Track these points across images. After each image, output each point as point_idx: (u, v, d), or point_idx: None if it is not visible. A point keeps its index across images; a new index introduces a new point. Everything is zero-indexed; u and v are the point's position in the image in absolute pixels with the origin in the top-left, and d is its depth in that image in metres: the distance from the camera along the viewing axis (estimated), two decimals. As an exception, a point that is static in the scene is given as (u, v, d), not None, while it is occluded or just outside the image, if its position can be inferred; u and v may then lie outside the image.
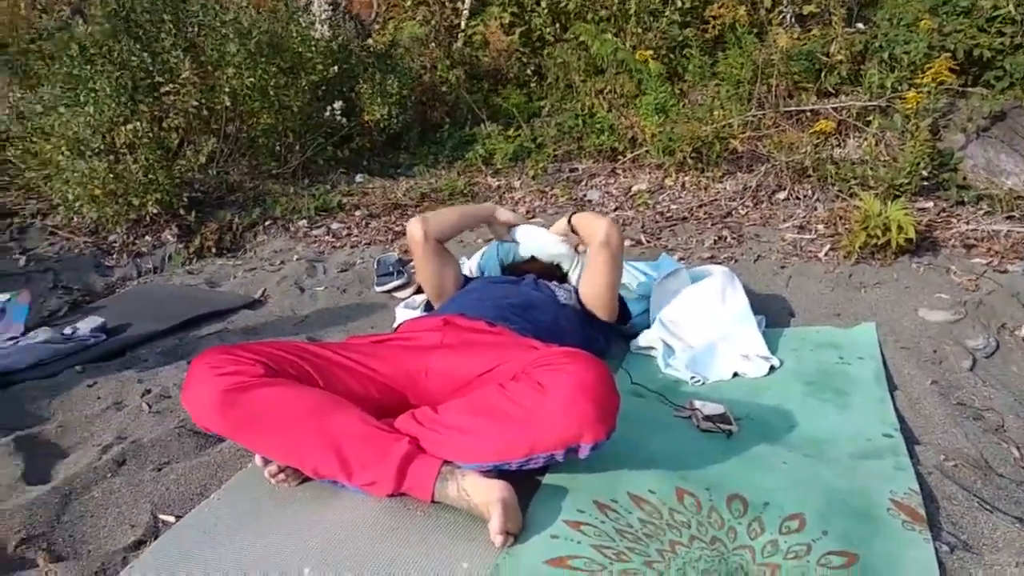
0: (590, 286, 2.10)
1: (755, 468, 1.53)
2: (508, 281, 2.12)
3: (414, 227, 2.13)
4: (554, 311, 1.96)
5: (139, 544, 1.43)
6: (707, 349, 2.12)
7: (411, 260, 3.14)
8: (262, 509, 1.43)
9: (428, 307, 2.31)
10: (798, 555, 1.26)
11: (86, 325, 2.50)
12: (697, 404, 1.81)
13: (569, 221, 2.29)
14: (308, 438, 1.39)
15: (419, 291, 2.88)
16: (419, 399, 1.59)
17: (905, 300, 2.49)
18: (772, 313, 2.52)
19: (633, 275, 2.45)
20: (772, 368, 2.06)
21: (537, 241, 2.34)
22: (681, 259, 3.02)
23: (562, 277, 2.34)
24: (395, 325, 1.90)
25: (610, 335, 2.21)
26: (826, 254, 2.91)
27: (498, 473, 1.37)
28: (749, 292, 2.58)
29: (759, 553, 1.26)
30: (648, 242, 3.26)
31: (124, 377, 2.16)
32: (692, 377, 2.00)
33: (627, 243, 3.20)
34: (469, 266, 2.69)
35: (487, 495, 1.29)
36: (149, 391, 2.06)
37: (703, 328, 2.20)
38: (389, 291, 2.96)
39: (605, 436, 1.31)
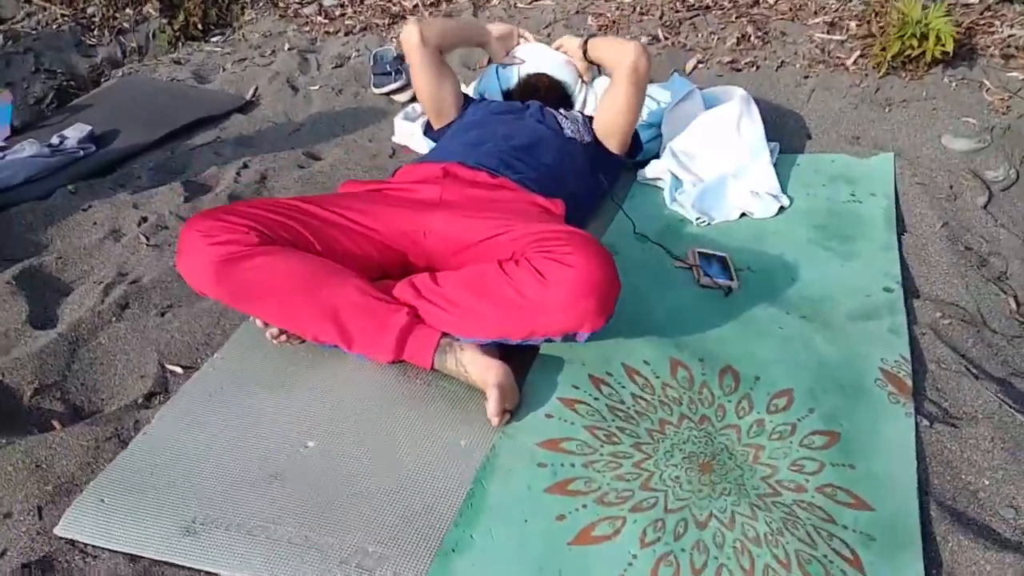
0: (609, 116, 1.99)
1: (750, 334, 1.54)
2: (511, 111, 1.99)
3: (410, 31, 1.99)
4: (559, 149, 1.86)
5: (149, 397, 1.49)
6: (717, 184, 2.05)
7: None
8: (264, 373, 1.47)
9: (428, 126, 2.19)
10: (782, 435, 1.31)
11: (74, 134, 2.41)
12: (700, 250, 1.79)
13: (585, 44, 2.11)
14: (306, 308, 1.38)
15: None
16: (419, 259, 1.57)
17: (930, 124, 2.35)
18: (788, 134, 2.40)
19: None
20: (781, 208, 2.00)
21: (541, 63, 2.18)
22: (700, 63, 2.82)
23: (568, 101, 2.20)
24: (392, 173, 1.81)
25: (618, 171, 2.12)
26: (855, 62, 2.71)
27: (496, 344, 1.38)
28: (767, 106, 2.46)
29: (745, 433, 1.31)
30: (666, 38, 3.02)
31: (119, 200, 2.12)
32: (698, 218, 1.95)
33: (643, 40, 2.97)
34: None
35: (484, 375, 1.31)
36: (145, 219, 2.03)
37: (715, 161, 2.11)
38: (387, 93, 2.81)
39: (603, 324, 1.31)
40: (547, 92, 2.17)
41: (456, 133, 1.93)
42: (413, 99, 2.78)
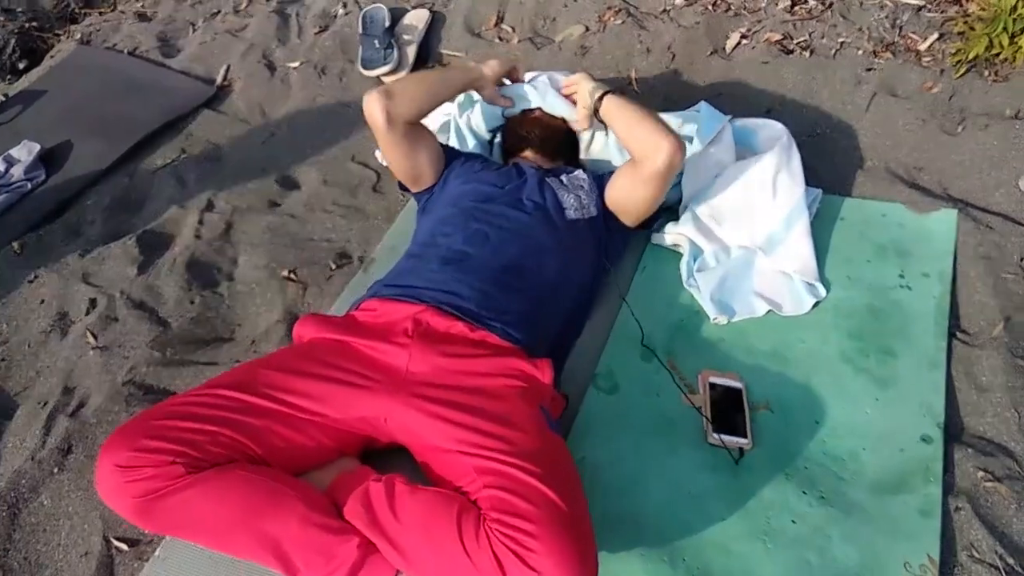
0: (629, 205, 1.69)
1: (757, 534, 1.34)
2: (500, 188, 1.67)
3: (372, 110, 1.62)
4: (559, 251, 1.58)
5: (91, 584, 1.38)
6: (741, 266, 1.75)
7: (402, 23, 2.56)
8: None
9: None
10: None
11: (22, 157, 2.15)
12: (713, 378, 1.55)
13: (600, 100, 1.72)
14: (243, 542, 1.21)
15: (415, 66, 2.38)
16: (383, 437, 1.37)
17: (1008, 157, 1.95)
18: (839, 156, 2.03)
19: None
20: (816, 302, 1.71)
21: (545, 104, 1.83)
22: (743, 39, 2.37)
23: (573, 152, 1.87)
24: (358, 299, 1.54)
25: (626, 246, 1.82)
26: (929, 48, 2.25)
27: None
28: (817, 114, 2.09)
29: None
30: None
31: (68, 269, 1.91)
32: (715, 318, 1.68)
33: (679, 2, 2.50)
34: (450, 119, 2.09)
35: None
36: (94, 303, 1.83)
37: (743, 228, 1.79)
38: (377, 77, 2.44)
39: None
40: (543, 144, 1.83)
41: (433, 228, 1.64)
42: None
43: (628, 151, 1.68)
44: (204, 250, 1.93)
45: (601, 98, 1.70)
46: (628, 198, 1.68)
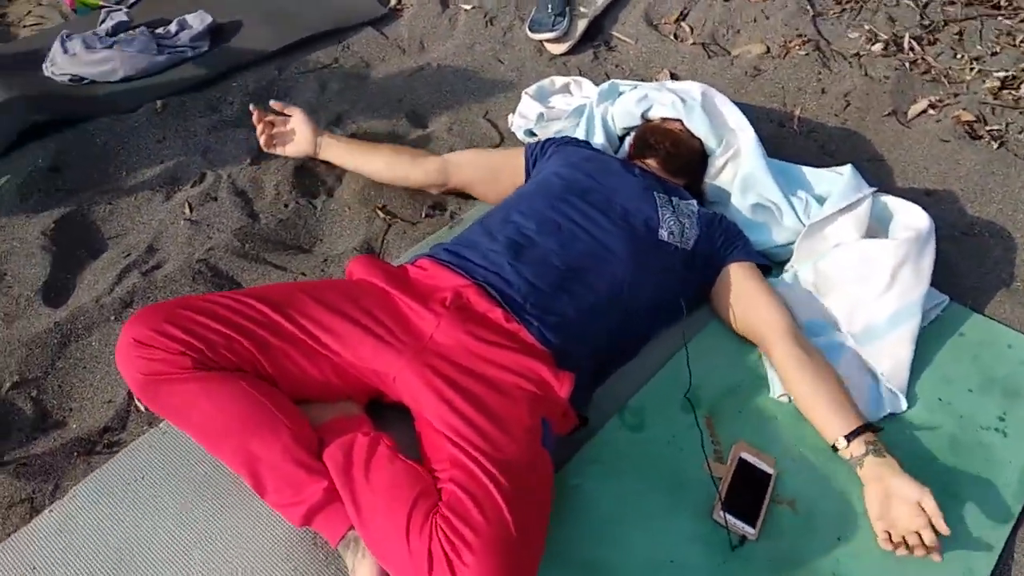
0: (738, 314, 1.62)
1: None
2: (598, 179, 1.61)
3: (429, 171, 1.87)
4: (631, 266, 1.50)
5: (102, 433, 1.47)
6: (829, 344, 1.60)
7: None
8: (190, 476, 1.37)
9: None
10: None
11: (194, 23, 2.27)
12: (745, 454, 1.44)
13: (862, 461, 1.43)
14: (226, 450, 1.25)
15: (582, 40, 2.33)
16: (390, 396, 1.37)
17: None
18: (988, 264, 1.81)
19: (795, 193, 1.78)
20: (891, 413, 1.55)
21: (688, 120, 1.75)
22: (930, 109, 2.14)
23: (697, 177, 1.77)
24: (414, 255, 1.54)
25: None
26: None
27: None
28: (979, 210, 1.88)
29: None
30: (911, 49, 2.31)
31: (193, 140, 2.02)
32: (780, 394, 1.56)
33: (878, 45, 2.29)
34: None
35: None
36: (203, 178, 1.93)
37: (844, 308, 1.64)
38: (540, 41, 2.40)
39: None
40: (668, 157, 1.74)
41: (515, 204, 1.59)
42: (570, 52, 2.38)
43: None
44: (313, 161, 1.98)
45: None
46: (742, 313, 1.61)
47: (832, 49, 2.30)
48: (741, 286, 1.61)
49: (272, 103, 1.93)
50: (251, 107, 1.89)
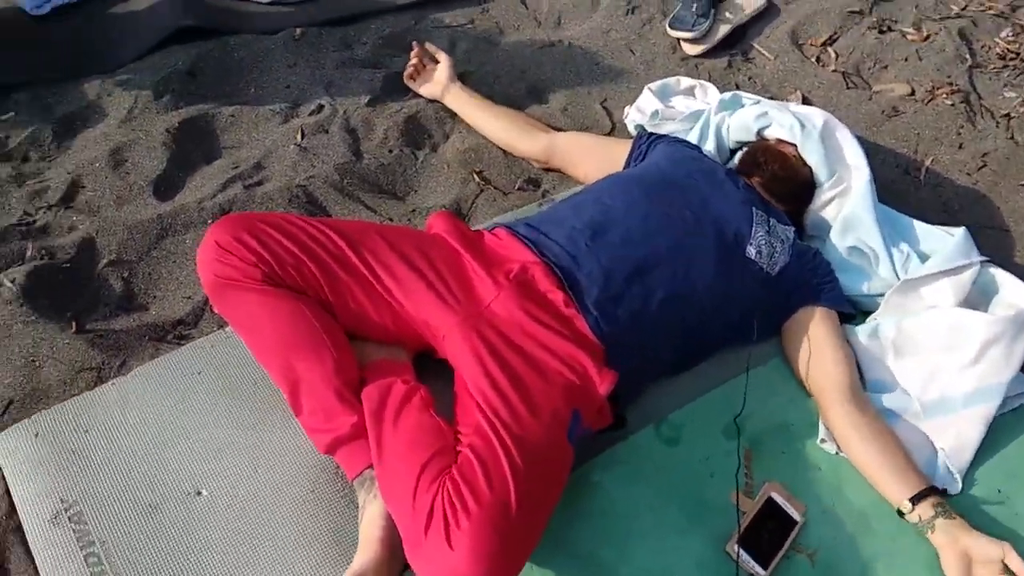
0: (801, 358, 1.56)
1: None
2: (699, 181, 1.58)
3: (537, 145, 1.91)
4: (714, 272, 1.47)
5: (176, 325, 1.57)
6: (893, 406, 1.53)
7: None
8: (241, 381, 1.46)
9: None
10: None
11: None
12: (776, 495, 1.41)
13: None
14: (274, 364, 1.32)
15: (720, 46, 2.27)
16: (441, 354, 1.40)
17: None
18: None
19: (897, 245, 1.69)
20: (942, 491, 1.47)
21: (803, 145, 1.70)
22: None
23: (800, 204, 1.71)
24: (495, 223, 1.56)
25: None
26: None
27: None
28: None
29: None
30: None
31: (320, 72, 2.10)
32: (826, 441, 1.50)
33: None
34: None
35: (365, 539, 1.21)
36: (321, 108, 2.00)
37: (919, 375, 1.56)
38: (677, 39, 2.36)
39: None
40: (773, 179, 1.69)
41: (609, 186, 1.59)
42: (705, 55, 2.33)
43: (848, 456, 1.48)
44: (429, 114, 2.03)
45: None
46: (797, 345, 1.56)
47: (982, 104, 2.16)
48: (813, 331, 1.55)
49: (428, 45, 2.09)
50: (414, 43, 2.08)
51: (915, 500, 1.33)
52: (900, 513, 1.36)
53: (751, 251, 1.52)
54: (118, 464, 1.32)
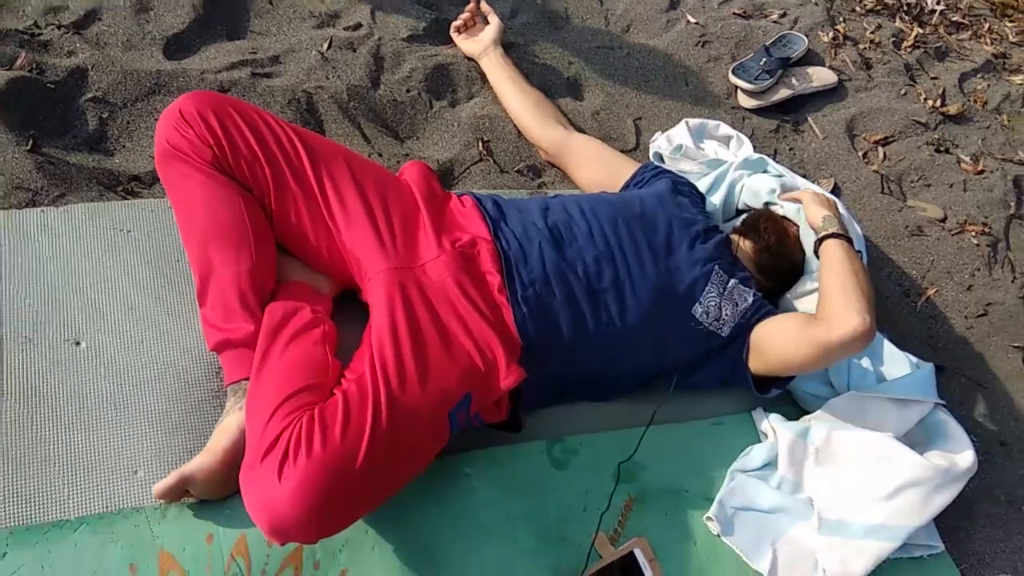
0: (771, 345, 1.45)
1: None
2: (674, 225, 1.51)
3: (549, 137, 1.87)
4: (649, 316, 1.41)
5: (132, 179, 1.55)
6: (792, 511, 1.46)
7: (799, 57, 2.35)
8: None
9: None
10: None
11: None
12: (640, 555, 1.35)
13: (820, 243, 1.51)
14: (193, 247, 1.29)
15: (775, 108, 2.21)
16: (363, 296, 1.36)
17: None
18: (1003, 531, 1.61)
19: (859, 357, 1.63)
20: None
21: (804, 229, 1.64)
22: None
23: (781, 288, 1.65)
24: (470, 193, 1.51)
25: (721, 387, 1.58)
26: None
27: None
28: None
29: None
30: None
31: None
32: (712, 518, 1.45)
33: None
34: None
35: (213, 444, 1.18)
36: (358, 26, 1.96)
37: (830, 490, 1.50)
38: (734, 86, 2.29)
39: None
40: (764, 252, 1.62)
41: (589, 201, 1.53)
42: (756, 111, 2.26)
43: (819, 302, 1.43)
44: (461, 69, 1.98)
45: (827, 237, 1.47)
46: (778, 346, 1.44)
47: (1008, 255, 2.07)
48: (777, 322, 1.49)
49: (484, 3, 2.05)
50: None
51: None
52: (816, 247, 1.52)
53: (698, 309, 1.46)
54: (10, 290, 1.30)
